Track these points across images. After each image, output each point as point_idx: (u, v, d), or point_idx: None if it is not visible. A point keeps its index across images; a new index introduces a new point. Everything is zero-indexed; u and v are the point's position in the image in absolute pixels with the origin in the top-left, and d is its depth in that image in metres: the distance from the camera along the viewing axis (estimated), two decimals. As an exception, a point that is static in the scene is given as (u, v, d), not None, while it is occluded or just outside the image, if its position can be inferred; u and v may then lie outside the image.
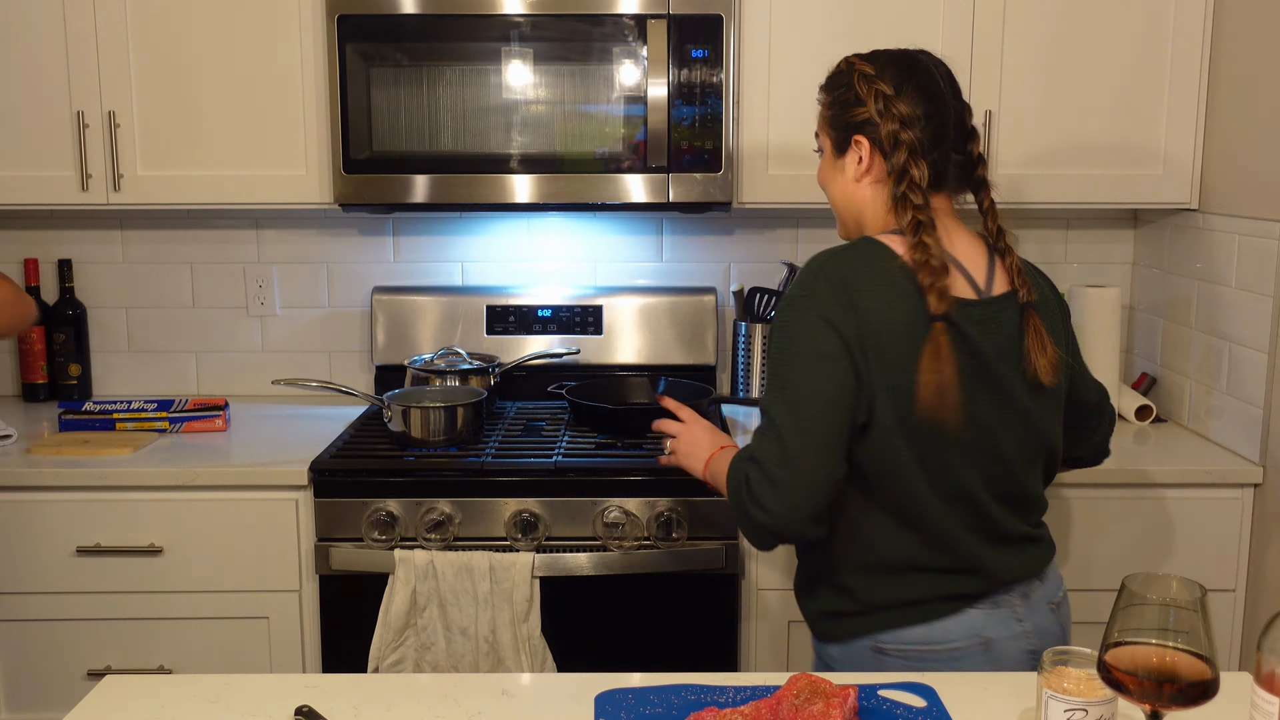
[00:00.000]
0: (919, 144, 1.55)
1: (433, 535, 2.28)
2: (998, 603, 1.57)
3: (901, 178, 1.54)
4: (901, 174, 1.54)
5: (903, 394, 1.48)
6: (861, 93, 1.57)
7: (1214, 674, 1.10)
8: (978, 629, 1.55)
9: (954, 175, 1.62)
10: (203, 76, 2.50)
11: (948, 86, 1.59)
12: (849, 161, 1.62)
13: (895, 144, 1.54)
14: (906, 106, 1.55)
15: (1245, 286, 2.37)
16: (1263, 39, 2.32)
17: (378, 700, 1.41)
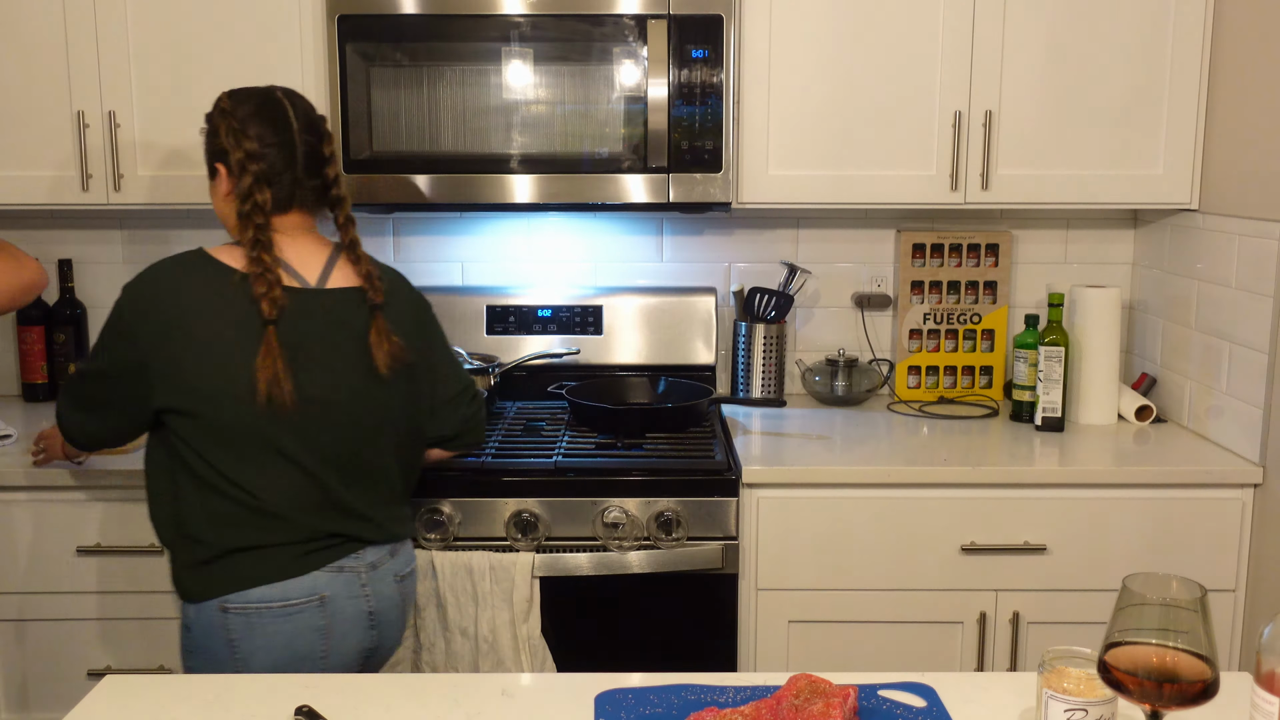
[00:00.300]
0: (264, 173, 1.81)
1: (432, 535, 2.27)
2: (342, 568, 1.81)
3: (246, 201, 1.79)
4: (247, 197, 1.79)
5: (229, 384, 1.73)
6: (219, 125, 1.84)
7: (1214, 674, 1.10)
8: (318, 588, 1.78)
9: (310, 199, 1.87)
10: (203, 76, 2.50)
11: (300, 121, 1.85)
12: (217, 184, 1.88)
13: (243, 172, 1.81)
14: (253, 142, 1.81)
15: (1245, 286, 2.37)
16: (1263, 40, 2.32)
17: (378, 700, 1.41)
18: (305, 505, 1.78)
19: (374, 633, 1.87)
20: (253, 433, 1.75)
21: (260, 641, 1.75)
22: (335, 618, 1.80)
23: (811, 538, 2.33)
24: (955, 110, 2.50)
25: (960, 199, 2.54)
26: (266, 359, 1.72)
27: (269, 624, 1.76)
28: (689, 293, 2.85)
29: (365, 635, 1.85)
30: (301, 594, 1.77)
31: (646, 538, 2.29)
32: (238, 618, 1.75)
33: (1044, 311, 2.85)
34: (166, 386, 1.75)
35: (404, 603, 1.93)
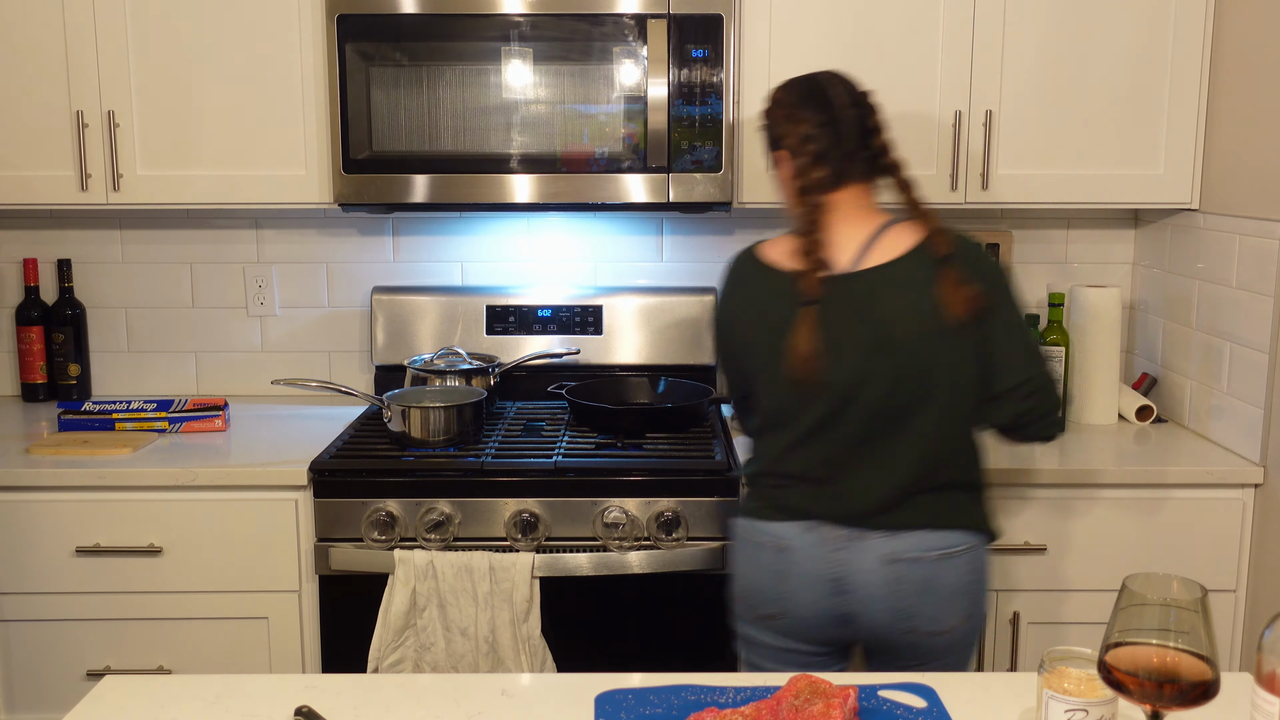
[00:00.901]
0: (820, 152, 1.87)
1: (432, 535, 2.27)
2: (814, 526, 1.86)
3: (804, 178, 1.87)
4: (803, 174, 1.87)
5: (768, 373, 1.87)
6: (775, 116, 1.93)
7: (1214, 674, 1.10)
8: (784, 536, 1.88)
9: (860, 171, 1.90)
10: (203, 76, 2.50)
11: (847, 98, 1.90)
12: (779, 170, 1.96)
13: (801, 154, 1.88)
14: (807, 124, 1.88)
15: (1245, 286, 2.37)
16: (1263, 39, 2.32)
17: (377, 700, 1.41)
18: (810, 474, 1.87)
19: (840, 599, 1.85)
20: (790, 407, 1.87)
21: (740, 561, 1.94)
22: (791, 569, 1.87)
23: (811, 538, 2.33)
24: (955, 110, 2.50)
25: (960, 199, 2.54)
26: (805, 334, 1.80)
27: (743, 549, 1.94)
28: (689, 293, 2.85)
29: (830, 599, 1.85)
30: (769, 536, 1.89)
31: (646, 538, 2.29)
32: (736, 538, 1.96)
33: (1044, 311, 2.84)
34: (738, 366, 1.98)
35: (890, 587, 1.83)
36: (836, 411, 1.84)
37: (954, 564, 1.83)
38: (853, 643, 1.93)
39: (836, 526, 1.84)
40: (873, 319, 1.82)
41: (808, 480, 1.87)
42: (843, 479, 1.85)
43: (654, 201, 2.49)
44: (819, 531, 1.85)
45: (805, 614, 1.87)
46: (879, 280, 1.83)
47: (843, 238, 1.87)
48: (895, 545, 1.82)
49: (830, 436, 1.85)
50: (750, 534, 1.92)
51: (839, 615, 1.86)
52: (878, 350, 1.81)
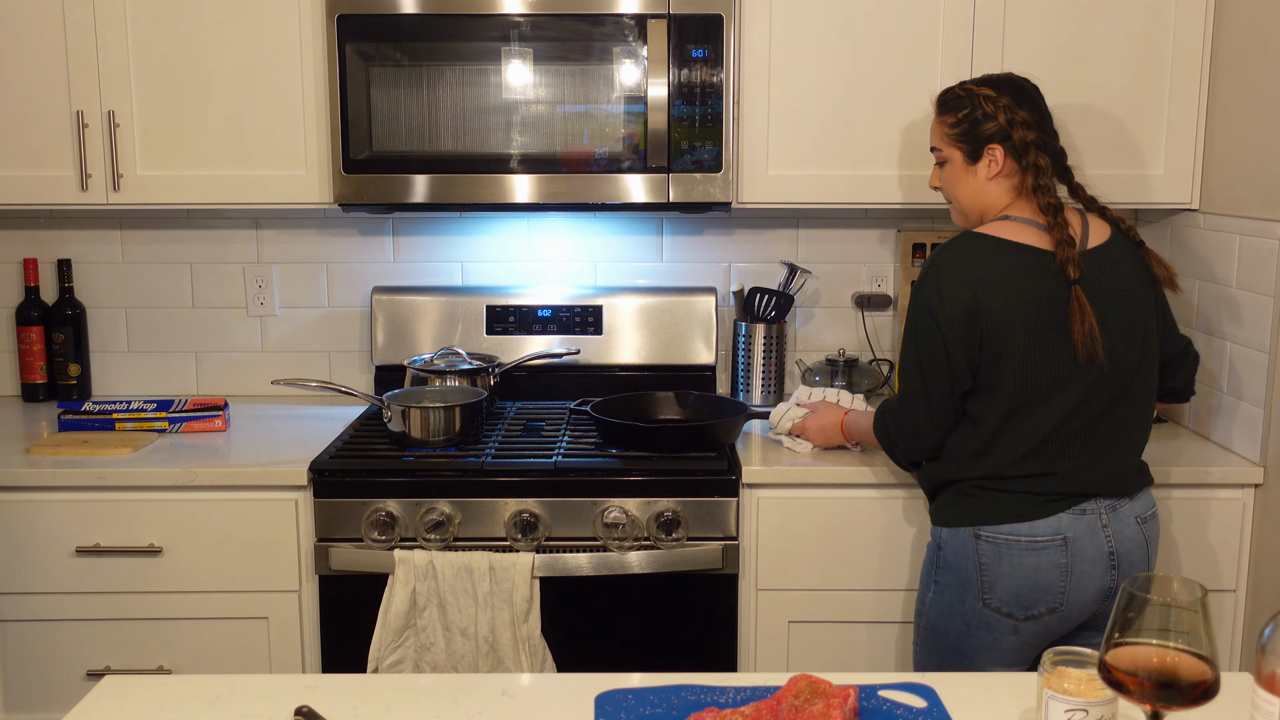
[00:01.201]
0: (1040, 142, 2.01)
1: (432, 535, 2.27)
2: (1084, 510, 1.95)
3: (1036, 172, 1.99)
4: (1035, 169, 1.99)
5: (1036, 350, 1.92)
6: (989, 111, 2.01)
7: (1214, 674, 1.10)
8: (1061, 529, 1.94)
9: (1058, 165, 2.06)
10: (202, 76, 2.50)
11: (1043, 102, 2.05)
12: (981, 167, 2.04)
13: (1025, 146, 1.99)
14: (1026, 114, 2.00)
15: (1245, 286, 2.37)
16: (1263, 39, 2.31)
17: (377, 700, 1.41)
18: (1069, 455, 1.94)
19: (1112, 574, 1.95)
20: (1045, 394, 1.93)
21: (1006, 569, 1.95)
22: (1076, 558, 1.93)
23: (811, 538, 2.33)
24: (955, 110, 2.50)
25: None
26: (1082, 318, 1.88)
27: (1015, 555, 1.94)
28: (689, 293, 2.85)
29: (1106, 575, 1.95)
30: (1047, 533, 1.93)
31: (646, 538, 2.29)
32: (987, 545, 1.96)
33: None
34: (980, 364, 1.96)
35: (1148, 544, 2.00)
36: (1093, 385, 1.93)
37: (1158, 519, 2.07)
38: (1094, 619, 2.00)
39: (1099, 501, 1.95)
40: (1114, 293, 1.96)
41: (1065, 462, 1.94)
42: (1094, 453, 1.95)
43: (654, 201, 2.49)
44: (1088, 512, 1.95)
45: (1085, 599, 1.95)
46: (1108, 257, 1.98)
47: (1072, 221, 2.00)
48: (1138, 506, 2.00)
49: (1086, 412, 1.94)
50: (1019, 536, 1.94)
51: (1107, 590, 1.96)
52: (1122, 320, 1.95)
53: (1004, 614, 1.95)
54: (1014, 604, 1.94)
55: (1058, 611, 1.95)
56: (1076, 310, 1.88)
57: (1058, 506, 1.93)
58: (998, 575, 1.94)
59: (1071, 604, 1.95)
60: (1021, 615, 1.95)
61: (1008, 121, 1.99)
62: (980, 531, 1.96)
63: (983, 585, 1.96)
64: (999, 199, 2.04)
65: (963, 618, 1.98)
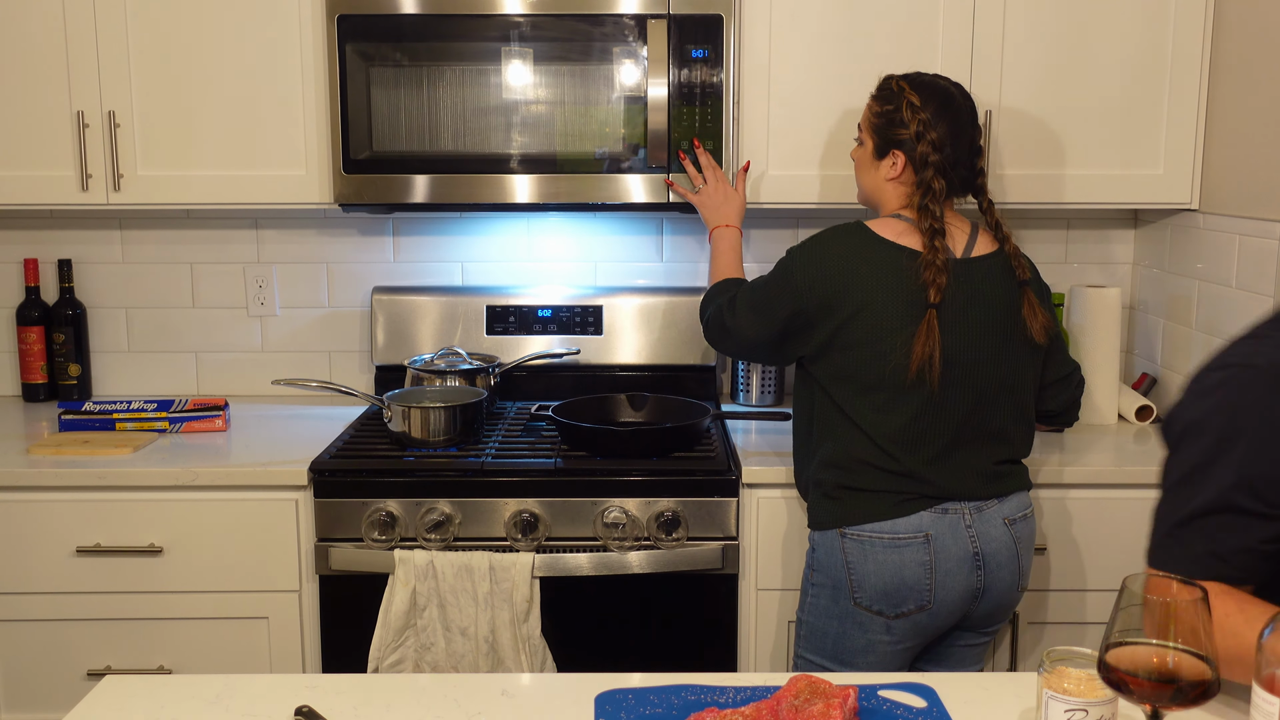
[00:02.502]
0: (943, 165, 2.00)
1: (433, 535, 2.28)
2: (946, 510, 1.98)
3: (926, 192, 1.98)
4: (927, 189, 1.98)
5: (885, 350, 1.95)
6: (906, 118, 2.01)
7: (1214, 674, 1.10)
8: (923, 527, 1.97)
9: (959, 186, 2.08)
10: (203, 76, 2.50)
11: (969, 117, 2.04)
12: (885, 165, 2.06)
13: (925, 163, 1.99)
14: (938, 135, 1.99)
15: (1245, 286, 2.37)
16: (1263, 39, 2.32)
17: (378, 700, 1.41)
18: (923, 454, 1.97)
19: (980, 574, 1.99)
20: (895, 392, 1.96)
21: (871, 566, 1.97)
22: (940, 555, 1.96)
23: (811, 538, 2.33)
24: (955, 110, 2.50)
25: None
26: (927, 341, 1.92)
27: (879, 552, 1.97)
28: (689, 293, 2.85)
29: (972, 575, 1.98)
30: (909, 530, 1.97)
31: (646, 538, 2.29)
32: (853, 543, 1.99)
33: (1044, 311, 2.84)
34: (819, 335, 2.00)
35: (1017, 545, 2.02)
36: (954, 388, 1.96)
37: (1034, 519, 2.09)
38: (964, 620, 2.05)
39: (961, 503, 1.98)
40: (985, 302, 1.98)
41: (927, 464, 1.97)
42: (950, 461, 1.98)
43: (654, 201, 2.49)
44: (950, 512, 1.98)
45: (952, 597, 1.98)
46: (987, 269, 2.01)
47: (953, 230, 2.03)
48: (1008, 508, 2.02)
49: (938, 421, 1.97)
50: (881, 533, 1.97)
51: (974, 590, 1.99)
52: (988, 334, 1.98)
53: (875, 611, 1.98)
54: (883, 601, 1.97)
55: (926, 609, 1.98)
56: (924, 333, 1.92)
57: (917, 505, 1.97)
58: (865, 573, 1.98)
59: (939, 602, 1.98)
60: (892, 613, 1.98)
61: (916, 134, 2.00)
62: (846, 531, 2.00)
63: (852, 584, 1.99)
64: (893, 200, 2.07)
65: (838, 619, 2.02)
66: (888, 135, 2.04)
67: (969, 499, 1.99)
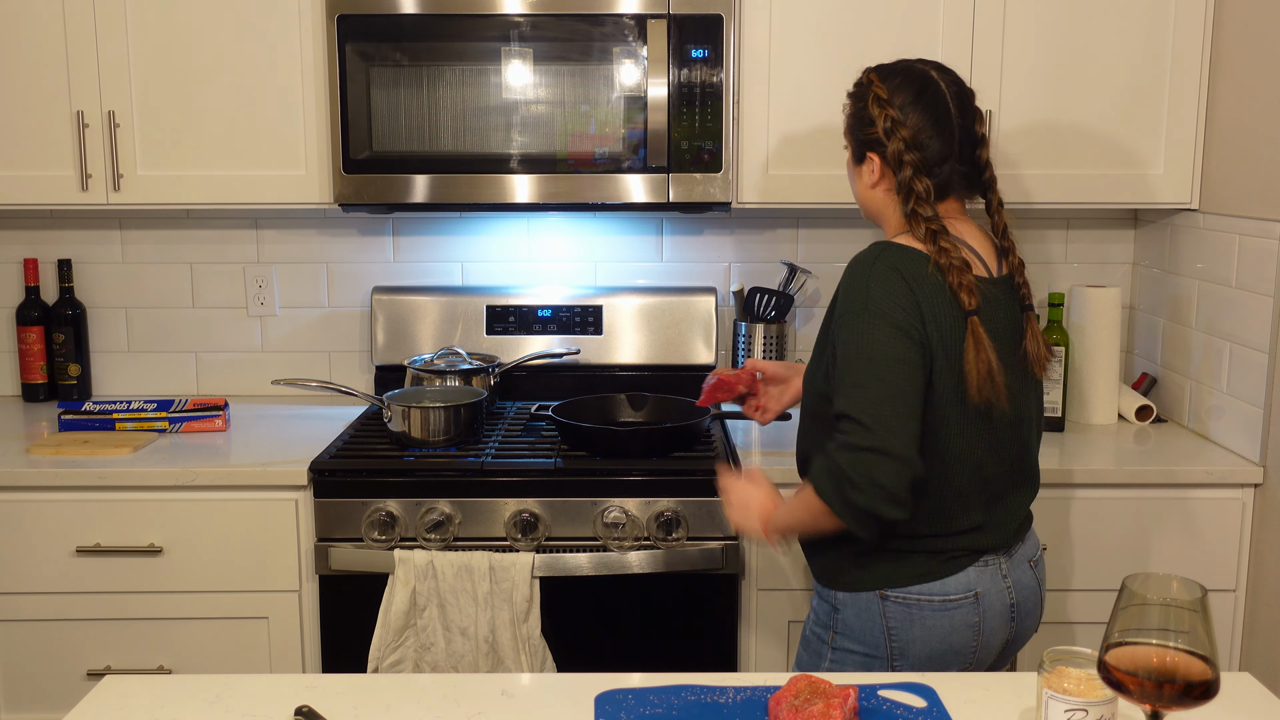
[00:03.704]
0: (923, 162, 1.70)
1: (433, 535, 2.28)
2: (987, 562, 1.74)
3: (909, 195, 1.70)
4: (909, 192, 1.70)
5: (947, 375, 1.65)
6: (873, 114, 1.72)
7: (1214, 674, 1.10)
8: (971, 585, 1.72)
9: (960, 184, 1.76)
10: (203, 76, 2.50)
11: (955, 103, 1.72)
12: (864, 171, 1.78)
13: (900, 163, 1.70)
14: (910, 130, 1.70)
15: (1245, 286, 2.37)
16: (1263, 39, 2.32)
17: (378, 700, 1.41)
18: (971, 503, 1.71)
19: (1014, 624, 1.77)
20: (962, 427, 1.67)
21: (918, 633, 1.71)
22: (986, 614, 1.73)
23: (811, 538, 2.32)
24: (955, 110, 2.50)
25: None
26: (978, 352, 1.62)
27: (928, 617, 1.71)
28: (689, 293, 2.85)
29: (1007, 628, 1.76)
30: (959, 590, 1.71)
31: (646, 538, 2.29)
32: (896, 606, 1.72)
33: (1044, 311, 2.84)
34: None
35: (1040, 588, 1.82)
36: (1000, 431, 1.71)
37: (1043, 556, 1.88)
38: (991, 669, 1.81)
39: (999, 555, 1.75)
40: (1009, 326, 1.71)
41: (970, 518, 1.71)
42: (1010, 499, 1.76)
43: (654, 201, 2.49)
44: (990, 564, 1.74)
45: (989, 655, 1.77)
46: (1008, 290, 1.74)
47: (976, 241, 1.75)
48: (1028, 549, 1.81)
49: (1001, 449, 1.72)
50: (930, 595, 1.71)
51: (1006, 642, 1.78)
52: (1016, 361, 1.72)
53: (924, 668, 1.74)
54: (926, 667, 1.72)
55: (967, 670, 1.74)
56: (972, 344, 1.62)
57: (965, 561, 1.72)
58: (909, 639, 1.71)
59: (979, 661, 1.76)
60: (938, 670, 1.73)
61: (886, 131, 1.70)
62: (887, 593, 1.72)
63: (892, 651, 1.72)
64: (893, 212, 1.76)
65: None
66: (859, 136, 1.76)
67: (1006, 547, 1.76)
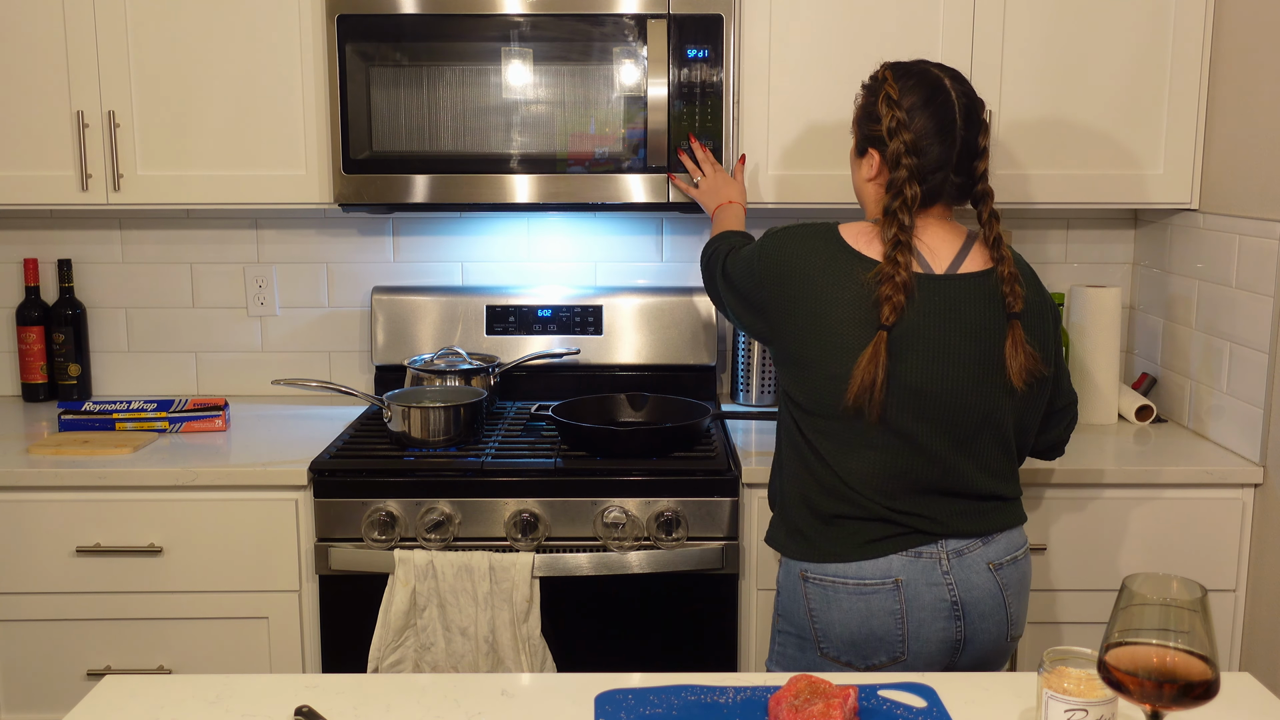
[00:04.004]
0: (919, 168, 1.74)
1: (432, 535, 2.28)
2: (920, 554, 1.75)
3: (896, 196, 1.73)
4: (897, 193, 1.73)
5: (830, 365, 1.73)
6: (881, 112, 1.76)
7: (1214, 674, 1.10)
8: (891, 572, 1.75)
9: (951, 193, 1.80)
10: (202, 76, 2.50)
11: (962, 115, 1.76)
12: (864, 164, 1.84)
13: (897, 164, 1.74)
14: (913, 134, 1.74)
15: (1245, 286, 2.37)
16: (1263, 39, 2.32)
17: (377, 700, 1.41)
18: (888, 490, 1.74)
19: (960, 624, 1.75)
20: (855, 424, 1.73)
21: (836, 615, 1.76)
22: (911, 604, 1.73)
23: (811, 538, 2.32)
24: (955, 110, 2.50)
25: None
26: (870, 366, 1.68)
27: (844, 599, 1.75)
28: (689, 293, 2.85)
29: (950, 626, 1.75)
30: (876, 575, 1.74)
31: (646, 538, 2.29)
32: (815, 587, 1.78)
33: (1044, 311, 2.84)
34: (777, 337, 1.81)
35: (1004, 593, 1.78)
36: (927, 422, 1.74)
37: (1027, 560, 1.85)
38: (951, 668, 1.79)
39: (939, 545, 1.75)
40: (965, 325, 1.74)
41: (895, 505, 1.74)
42: (936, 495, 1.76)
43: (654, 201, 2.49)
44: (924, 555, 1.75)
45: (929, 649, 1.75)
46: (975, 288, 1.76)
47: (936, 241, 1.78)
48: (993, 551, 1.78)
49: (922, 450, 1.74)
50: (847, 577, 1.75)
51: (954, 642, 1.77)
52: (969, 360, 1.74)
53: (844, 663, 1.77)
54: (852, 653, 1.75)
55: (901, 661, 1.75)
56: (868, 356, 1.69)
57: (887, 548, 1.74)
58: (829, 621, 1.76)
59: (914, 654, 1.75)
60: (862, 665, 1.76)
61: (889, 130, 1.74)
62: (807, 573, 1.78)
63: (816, 633, 1.77)
64: (873, 205, 1.84)
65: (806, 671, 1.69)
66: (865, 130, 1.81)
67: (949, 537, 1.76)
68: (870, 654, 1.75)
